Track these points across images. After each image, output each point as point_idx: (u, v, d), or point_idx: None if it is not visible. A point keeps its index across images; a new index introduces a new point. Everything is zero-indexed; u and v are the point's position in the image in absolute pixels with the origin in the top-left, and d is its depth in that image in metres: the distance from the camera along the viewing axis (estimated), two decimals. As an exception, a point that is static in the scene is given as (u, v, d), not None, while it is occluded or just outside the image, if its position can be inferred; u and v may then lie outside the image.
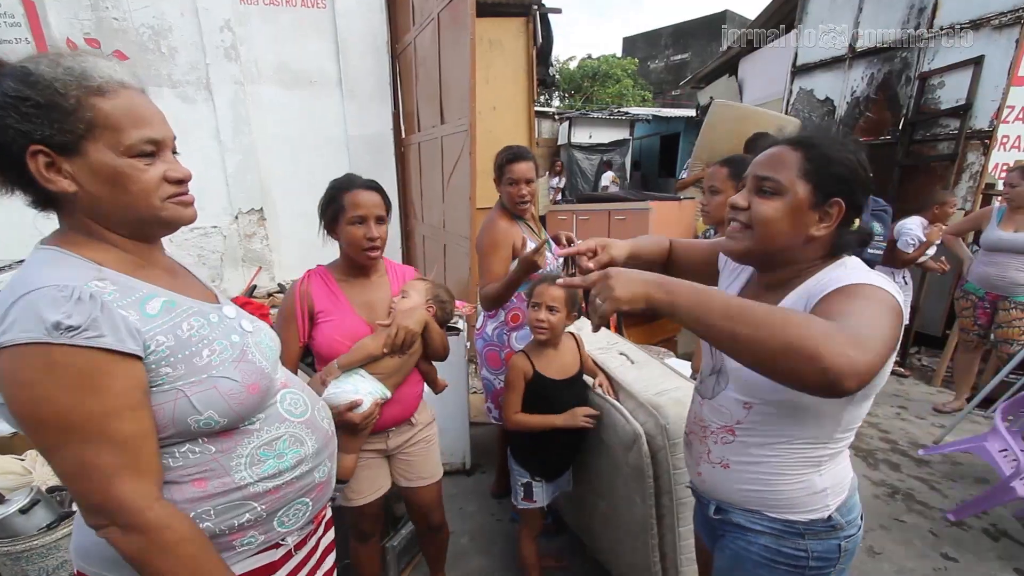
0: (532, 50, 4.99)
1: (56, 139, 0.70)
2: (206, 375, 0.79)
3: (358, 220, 1.40)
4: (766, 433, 0.98)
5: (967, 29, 4.31)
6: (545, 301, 1.65)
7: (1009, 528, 2.33)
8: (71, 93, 0.70)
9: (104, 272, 0.74)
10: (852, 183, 0.91)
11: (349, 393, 1.35)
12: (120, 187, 0.75)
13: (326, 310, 1.42)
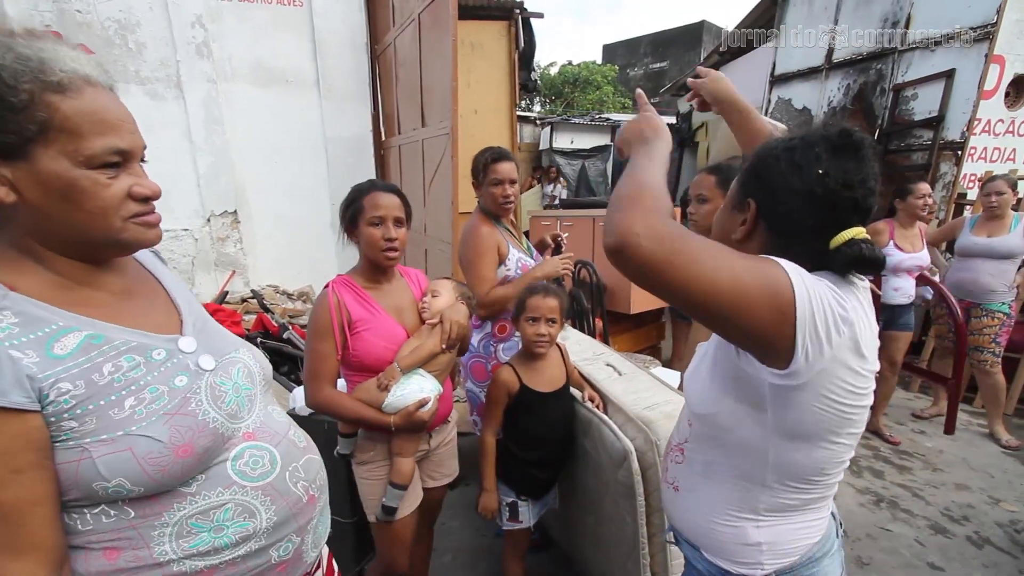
0: (514, 54, 4.95)
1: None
2: (122, 432, 0.64)
3: (377, 221, 1.39)
4: (704, 457, 0.91)
5: (938, 43, 4.43)
6: (544, 314, 1.59)
7: (992, 536, 2.34)
8: (23, 87, 0.58)
9: (10, 299, 0.61)
10: (765, 184, 0.80)
11: (416, 393, 1.37)
12: (73, 203, 0.62)
13: (363, 318, 1.39)
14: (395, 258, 1.43)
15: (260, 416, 0.82)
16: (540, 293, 1.60)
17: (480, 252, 1.95)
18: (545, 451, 1.69)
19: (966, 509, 2.53)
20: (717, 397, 0.84)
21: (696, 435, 0.92)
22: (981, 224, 3.17)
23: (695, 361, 0.95)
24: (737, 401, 0.81)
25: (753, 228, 0.83)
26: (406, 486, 1.44)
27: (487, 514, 1.67)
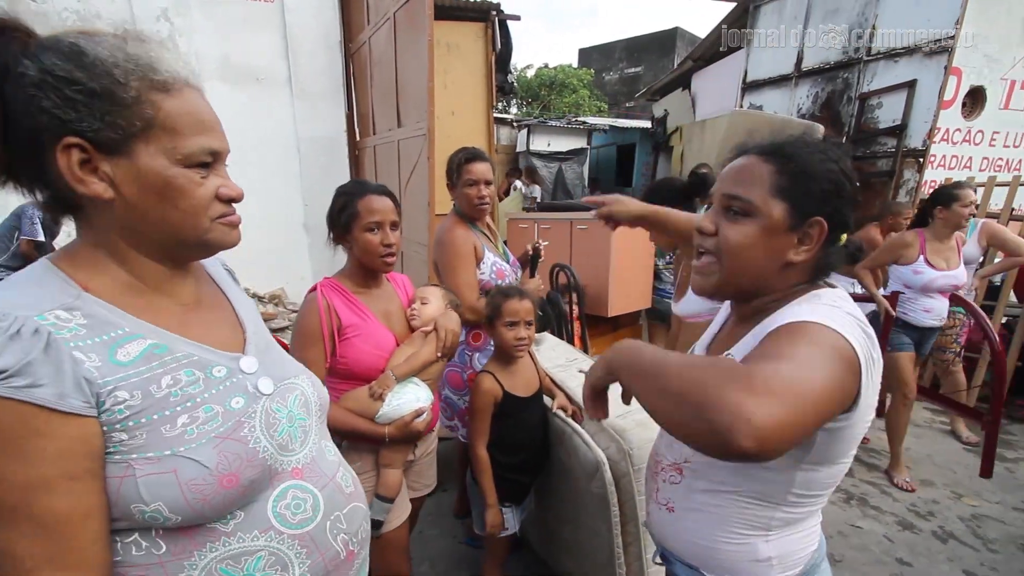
0: (491, 56, 4.93)
1: (102, 134, 0.57)
2: (169, 451, 0.60)
3: (374, 227, 1.35)
4: (711, 478, 0.86)
5: (901, 55, 4.59)
6: (523, 317, 1.58)
7: (955, 530, 2.42)
8: (132, 84, 0.58)
9: (82, 299, 0.59)
10: (836, 198, 0.78)
11: (412, 403, 1.33)
12: (168, 201, 0.62)
13: (354, 324, 1.34)
14: (393, 263, 1.39)
15: (312, 451, 0.77)
16: (515, 296, 1.58)
17: (459, 256, 1.89)
18: (527, 455, 1.67)
19: (931, 505, 2.60)
20: None
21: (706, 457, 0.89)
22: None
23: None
24: None
25: (811, 237, 0.79)
26: (393, 499, 1.38)
27: (495, 530, 1.62)
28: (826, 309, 0.72)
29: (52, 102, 0.55)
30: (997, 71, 5.19)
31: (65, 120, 0.56)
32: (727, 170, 0.84)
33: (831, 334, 0.67)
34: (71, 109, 0.56)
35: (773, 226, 0.78)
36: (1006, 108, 5.38)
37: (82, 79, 0.56)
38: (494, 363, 1.64)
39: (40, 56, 0.55)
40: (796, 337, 0.67)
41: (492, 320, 1.60)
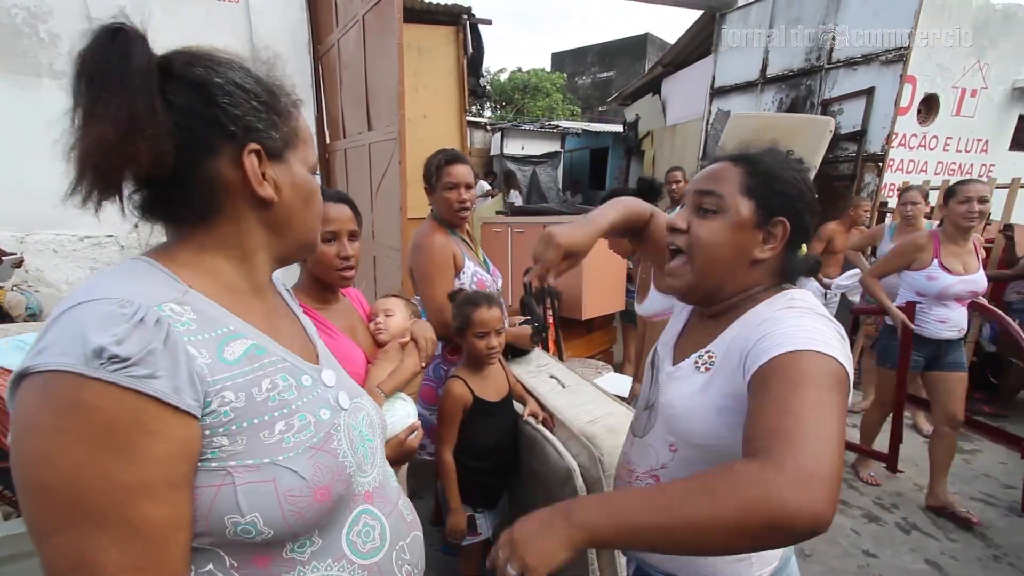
0: (463, 59, 4.92)
1: (270, 143, 0.63)
2: (268, 459, 0.57)
3: (329, 237, 1.25)
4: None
5: (859, 63, 4.77)
6: (493, 327, 1.56)
7: (918, 521, 2.50)
8: (283, 99, 0.65)
9: (190, 296, 0.57)
10: (797, 202, 0.83)
11: (404, 419, 1.24)
12: (310, 204, 0.68)
13: (325, 343, 1.25)
14: (352, 276, 1.29)
15: (379, 475, 0.75)
16: (484, 305, 1.56)
17: (437, 265, 1.80)
18: (498, 458, 1.66)
19: (895, 497, 2.69)
20: (731, 427, 0.77)
21: (684, 460, 0.86)
22: (898, 232, 3.40)
23: (683, 389, 0.86)
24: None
25: (779, 239, 0.84)
26: None
27: (456, 535, 1.60)
28: (806, 317, 0.74)
29: (244, 110, 0.59)
30: (949, 80, 5.44)
31: (252, 128, 0.60)
32: (699, 174, 0.89)
33: (825, 362, 0.67)
34: (256, 117, 0.61)
35: (741, 222, 0.82)
36: (958, 115, 5.65)
37: (259, 91, 0.61)
38: (464, 368, 1.63)
39: (216, 68, 0.58)
40: (797, 383, 0.65)
41: (462, 330, 1.58)
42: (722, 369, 0.80)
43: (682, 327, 1.00)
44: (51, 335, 0.49)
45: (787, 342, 0.69)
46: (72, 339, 0.48)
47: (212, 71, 0.58)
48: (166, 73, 0.55)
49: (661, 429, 0.89)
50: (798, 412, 0.61)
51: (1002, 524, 2.46)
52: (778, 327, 0.73)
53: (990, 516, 2.53)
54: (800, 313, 0.76)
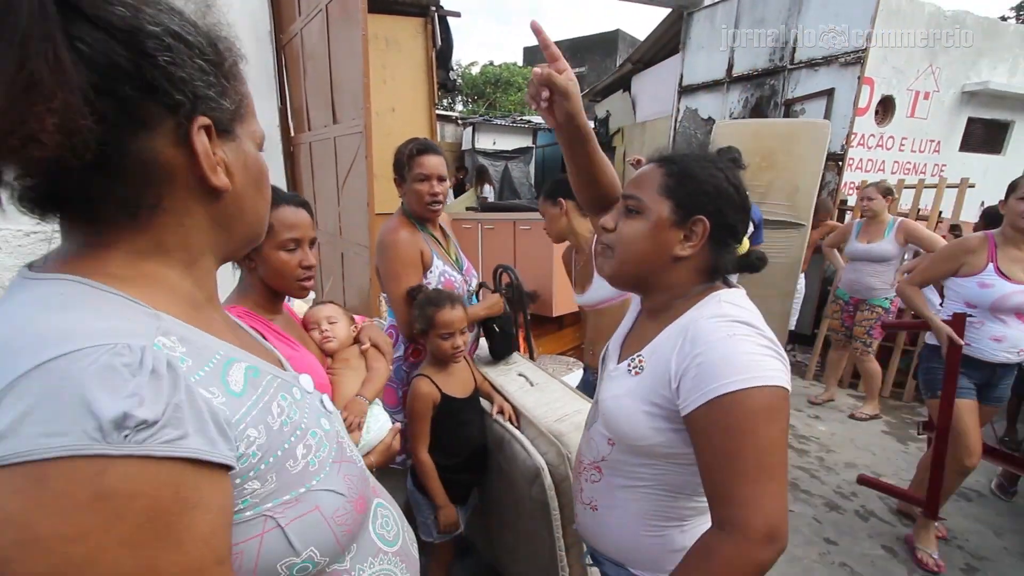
0: (431, 52, 4.83)
1: (220, 113, 0.49)
2: (304, 488, 0.51)
3: (293, 246, 1.14)
4: (628, 475, 0.90)
5: (820, 64, 4.90)
6: (457, 327, 1.54)
7: (875, 509, 2.60)
8: (229, 55, 0.50)
9: (164, 321, 0.45)
10: (716, 200, 0.85)
11: (387, 423, 1.25)
12: (262, 190, 0.56)
13: (289, 356, 1.13)
14: (311, 288, 1.20)
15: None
16: (447, 305, 1.53)
17: (402, 263, 1.71)
18: (468, 454, 1.65)
19: (854, 486, 2.78)
20: (656, 430, 0.83)
21: (620, 453, 0.90)
22: (864, 229, 3.52)
23: (614, 389, 0.90)
24: (678, 432, 0.82)
25: (696, 237, 0.87)
26: None
27: (451, 528, 1.60)
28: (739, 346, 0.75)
29: (191, 72, 0.45)
30: (904, 82, 5.64)
31: (201, 96, 0.46)
32: (631, 178, 0.94)
33: (761, 396, 0.71)
34: (205, 83, 0.46)
35: (660, 222, 0.85)
36: (912, 116, 5.86)
37: (207, 47, 0.47)
38: (429, 366, 1.60)
39: (145, 11, 0.42)
40: (739, 435, 0.71)
41: (426, 331, 1.54)
42: (649, 376, 0.84)
43: (631, 325, 1.03)
44: (19, 407, 0.34)
45: (721, 376, 0.73)
46: (67, 409, 0.35)
47: (142, 15, 0.42)
48: (71, 13, 0.38)
49: (600, 424, 0.94)
50: (744, 472, 0.70)
51: (952, 509, 2.57)
52: (711, 353, 0.75)
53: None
54: (729, 329, 0.77)
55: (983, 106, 6.06)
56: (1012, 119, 6.33)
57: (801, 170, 3.74)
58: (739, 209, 0.87)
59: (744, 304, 0.84)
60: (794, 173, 3.75)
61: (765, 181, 3.79)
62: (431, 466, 1.56)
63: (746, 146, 3.63)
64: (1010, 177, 2.19)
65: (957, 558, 2.25)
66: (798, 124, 3.98)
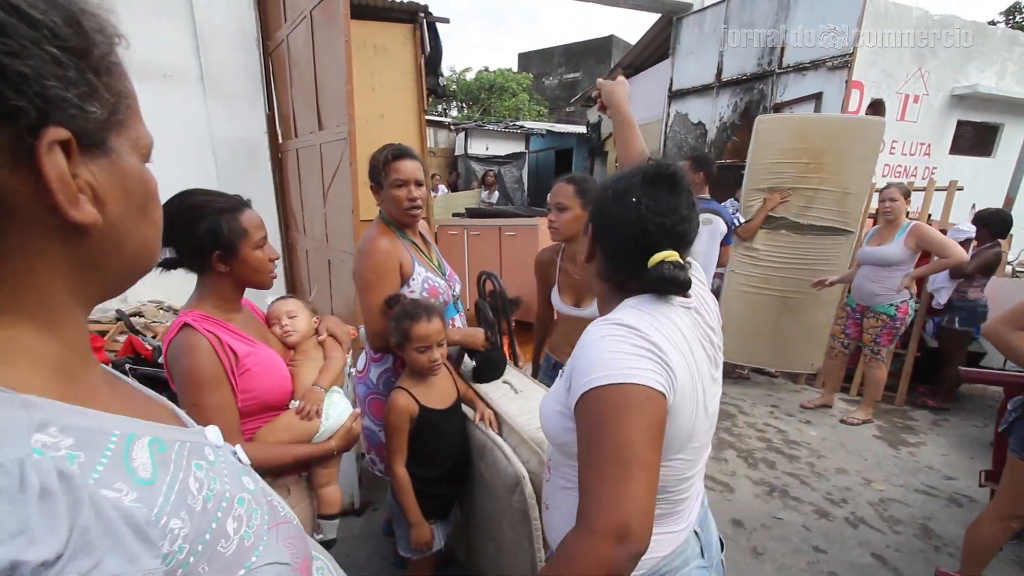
0: (420, 58, 4.82)
1: (84, 121, 0.36)
2: (243, 570, 0.44)
3: (263, 242, 1.25)
4: (564, 476, 0.92)
5: (807, 68, 4.91)
6: (434, 340, 1.51)
7: (865, 515, 2.56)
8: (98, 41, 0.37)
9: (37, 409, 0.33)
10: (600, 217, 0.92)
11: (347, 409, 1.35)
12: (148, 212, 0.44)
13: (248, 353, 1.20)
14: (275, 277, 1.30)
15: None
16: (423, 318, 1.49)
17: (378, 273, 1.67)
18: (449, 467, 1.61)
19: (844, 492, 2.75)
20: (565, 429, 0.85)
21: (554, 452, 0.95)
22: (877, 234, 3.44)
23: (549, 393, 0.95)
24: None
25: (593, 250, 0.93)
26: (338, 513, 1.38)
27: (424, 547, 1.58)
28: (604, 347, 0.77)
29: (36, 64, 0.32)
30: (893, 86, 5.67)
31: (52, 98, 0.33)
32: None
33: (616, 393, 0.72)
34: (59, 80, 0.34)
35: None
36: (902, 119, 5.89)
37: (63, 29, 0.34)
38: (408, 379, 1.56)
39: None
40: (593, 430, 0.73)
41: (402, 343, 1.51)
42: (564, 378, 0.87)
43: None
44: None
45: (588, 373, 0.75)
46: None
47: None
48: None
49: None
50: (597, 468, 0.71)
51: (943, 516, 2.54)
52: (584, 352, 0.79)
53: (932, 508, 2.62)
54: (605, 330, 0.79)
55: (973, 109, 6.09)
56: (1002, 122, 6.35)
57: (852, 172, 3.41)
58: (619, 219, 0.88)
59: (644, 308, 0.83)
60: (843, 176, 3.42)
61: (813, 184, 3.50)
62: (406, 481, 1.52)
63: (791, 145, 3.48)
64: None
65: (947, 566, 2.21)
66: (849, 121, 3.57)
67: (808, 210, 3.53)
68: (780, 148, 3.53)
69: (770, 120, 3.76)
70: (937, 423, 3.58)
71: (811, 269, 3.54)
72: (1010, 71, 6.16)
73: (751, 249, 3.71)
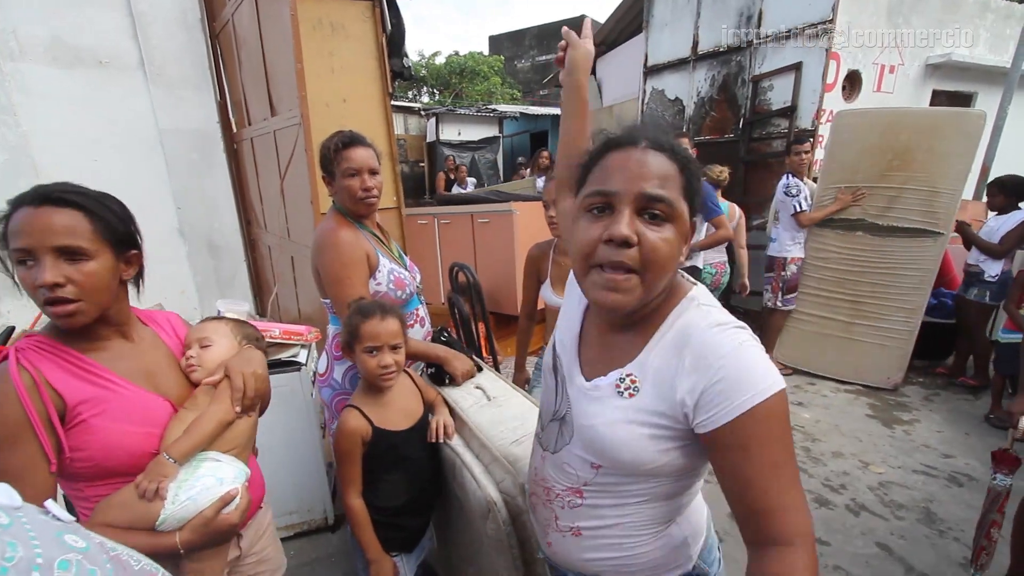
0: (381, 37, 4.51)
1: None
2: None
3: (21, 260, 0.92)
4: (618, 494, 0.84)
5: (786, 37, 4.75)
6: (386, 341, 1.29)
7: (866, 501, 2.46)
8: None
9: None
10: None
11: (212, 489, 0.96)
12: None
13: (89, 398, 0.90)
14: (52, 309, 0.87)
15: None
16: (376, 315, 1.29)
17: (347, 264, 1.57)
18: (414, 494, 1.41)
19: (843, 477, 2.65)
20: (663, 451, 0.77)
21: (608, 476, 0.83)
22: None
23: (605, 414, 0.80)
24: (684, 448, 0.77)
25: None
26: None
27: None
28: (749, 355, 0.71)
29: None
30: (869, 56, 5.56)
31: None
32: (632, 166, 0.72)
33: (777, 404, 0.69)
34: None
35: (684, 230, 0.75)
36: (878, 91, 5.79)
37: None
38: (361, 395, 1.36)
39: None
40: (774, 439, 0.69)
41: (350, 345, 1.30)
42: (649, 398, 0.77)
43: (579, 330, 0.93)
44: None
45: (748, 389, 0.69)
46: None
47: None
48: None
49: (580, 448, 0.85)
50: (789, 478, 0.70)
51: (945, 497, 2.46)
52: (730, 367, 0.70)
53: (933, 489, 2.53)
54: (735, 337, 0.73)
55: (947, 78, 6.04)
56: (975, 90, 6.33)
57: (943, 170, 3.15)
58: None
59: (715, 302, 0.81)
60: (934, 174, 3.18)
61: (897, 183, 3.27)
62: (363, 514, 1.32)
63: (874, 143, 3.28)
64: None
65: (954, 552, 2.12)
66: (944, 115, 3.29)
67: (890, 211, 3.34)
68: (862, 145, 3.34)
69: (851, 115, 3.53)
70: (928, 399, 3.51)
71: (892, 273, 3.40)
72: (983, 38, 6.12)
73: (821, 250, 3.59)
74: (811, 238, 3.65)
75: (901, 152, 3.25)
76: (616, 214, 0.71)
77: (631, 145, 0.74)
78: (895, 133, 3.28)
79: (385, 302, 1.39)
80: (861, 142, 3.38)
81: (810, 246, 3.65)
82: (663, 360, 0.76)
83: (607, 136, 0.78)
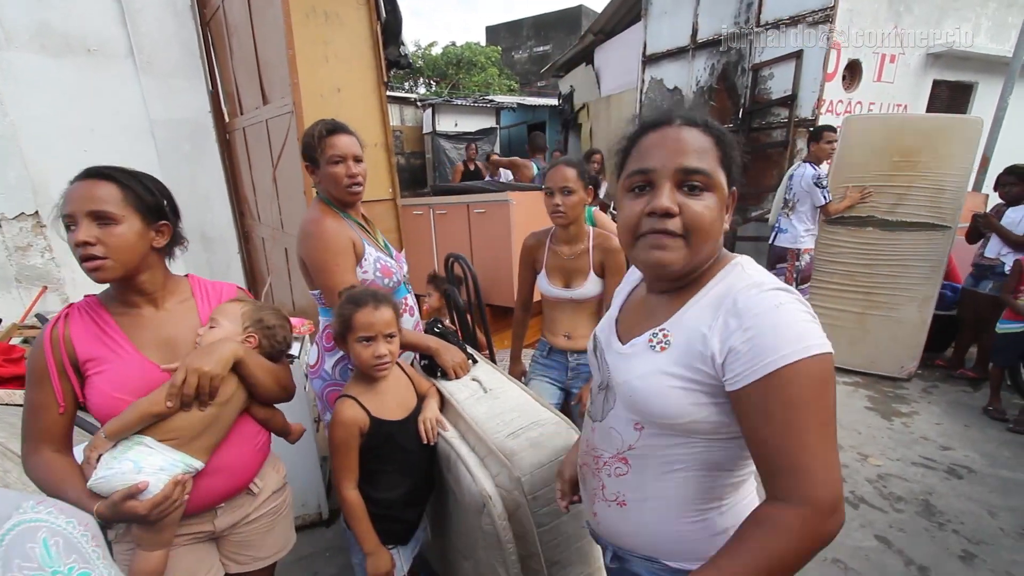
0: (376, 25, 4.44)
1: None
2: None
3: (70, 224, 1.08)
4: (663, 459, 0.84)
5: (787, 25, 4.69)
6: (380, 331, 1.27)
7: (865, 494, 2.45)
8: None
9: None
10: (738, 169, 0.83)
11: (127, 474, 0.99)
12: None
13: (96, 358, 1.04)
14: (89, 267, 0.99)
15: None
16: (370, 304, 1.26)
17: (334, 252, 1.56)
18: (410, 485, 1.39)
19: (841, 469, 2.63)
20: (697, 405, 0.77)
21: (652, 436, 0.84)
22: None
23: (638, 368, 0.82)
24: (718, 405, 0.77)
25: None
26: None
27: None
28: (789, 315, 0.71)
29: None
30: (870, 45, 5.50)
31: None
32: (668, 143, 0.77)
33: (817, 366, 0.68)
34: None
35: (724, 198, 0.79)
36: (879, 80, 5.74)
37: None
38: (356, 384, 1.33)
39: None
40: (799, 407, 0.68)
41: (343, 334, 1.27)
42: (678, 351, 0.78)
43: (619, 311, 0.98)
44: None
45: (778, 349, 0.68)
46: None
47: None
48: None
49: (622, 409, 0.87)
50: (810, 443, 0.67)
51: (944, 489, 2.45)
52: (762, 325, 0.71)
53: (932, 482, 2.52)
54: (774, 299, 0.72)
55: (948, 68, 5.98)
56: (976, 80, 6.27)
57: (947, 170, 3.35)
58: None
59: (761, 268, 0.82)
60: (939, 174, 3.36)
61: (904, 181, 3.45)
62: (359, 506, 1.30)
63: (880, 145, 3.46)
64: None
65: (953, 544, 2.11)
66: (945, 120, 3.51)
67: (898, 207, 3.49)
68: (870, 147, 3.51)
69: (860, 120, 3.74)
70: (927, 391, 3.50)
71: (903, 264, 3.53)
72: (984, 28, 6.06)
73: (831, 245, 3.70)
74: (822, 234, 3.71)
75: (907, 153, 3.39)
76: (656, 189, 0.76)
77: (666, 124, 0.78)
78: (900, 136, 3.43)
79: (378, 290, 1.36)
80: (869, 144, 3.52)
81: (820, 241, 3.70)
82: (698, 316, 0.77)
83: (642, 120, 0.84)
